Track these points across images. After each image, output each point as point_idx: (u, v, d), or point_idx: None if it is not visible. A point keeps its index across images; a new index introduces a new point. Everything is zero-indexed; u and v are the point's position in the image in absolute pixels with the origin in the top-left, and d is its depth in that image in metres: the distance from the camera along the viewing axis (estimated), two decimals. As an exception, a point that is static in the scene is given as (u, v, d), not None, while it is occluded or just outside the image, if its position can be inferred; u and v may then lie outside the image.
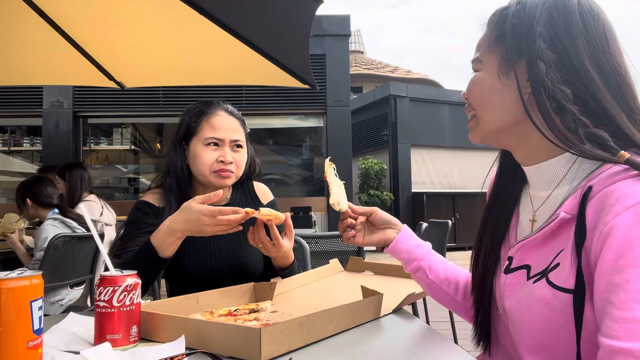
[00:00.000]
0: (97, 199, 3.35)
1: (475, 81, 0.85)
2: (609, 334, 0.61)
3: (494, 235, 0.91)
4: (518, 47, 0.77)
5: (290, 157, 7.47)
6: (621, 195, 0.63)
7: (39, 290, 0.70)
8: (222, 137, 1.35)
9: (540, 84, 0.73)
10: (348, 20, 6.68)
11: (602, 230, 0.64)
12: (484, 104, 0.84)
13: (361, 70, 20.45)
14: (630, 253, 0.60)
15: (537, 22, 0.75)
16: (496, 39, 0.82)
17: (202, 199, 1.10)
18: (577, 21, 0.76)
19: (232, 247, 1.40)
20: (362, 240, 1.08)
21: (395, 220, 1.09)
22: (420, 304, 3.30)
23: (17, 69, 2.83)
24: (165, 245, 1.14)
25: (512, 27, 0.78)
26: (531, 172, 0.84)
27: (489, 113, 0.83)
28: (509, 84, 0.79)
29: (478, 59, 0.85)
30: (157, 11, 2.30)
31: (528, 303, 0.76)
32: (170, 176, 1.38)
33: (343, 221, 1.09)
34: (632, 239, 0.60)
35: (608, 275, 0.63)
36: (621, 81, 0.75)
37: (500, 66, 0.80)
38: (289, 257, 1.33)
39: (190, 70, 2.90)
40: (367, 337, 0.90)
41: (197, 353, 0.73)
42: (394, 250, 1.06)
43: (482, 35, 0.86)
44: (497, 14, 0.83)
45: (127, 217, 1.36)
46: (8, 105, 6.12)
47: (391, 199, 11.19)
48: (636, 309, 0.59)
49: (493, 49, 0.82)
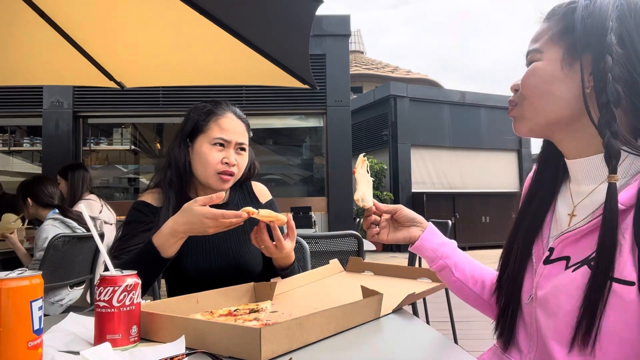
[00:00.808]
0: (97, 198, 3.37)
1: (534, 70, 0.84)
2: None
3: (528, 232, 0.91)
4: (587, 39, 0.77)
5: (290, 157, 7.47)
6: None
7: (39, 290, 0.70)
8: (229, 138, 1.35)
9: (604, 78, 0.74)
10: (348, 20, 6.68)
11: None
12: (542, 94, 0.83)
13: (361, 70, 20.44)
14: None
15: (609, 17, 0.76)
16: (561, 30, 0.82)
17: (204, 200, 1.10)
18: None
19: (230, 246, 1.40)
20: (387, 237, 1.08)
21: (420, 218, 1.08)
22: (420, 304, 3.30)
23: (17, 69, 2.83)
24: (167, 246, 1.15)
25: (582, 20, 0.78)
26: (577, 165, 0.84)
27: (545, 103, 0.83)
28: (572, 75, 0.79)
29: (538, 50, 0.84)
30: (157, 11, 2.30)
31: (567, 290, 0.76)
32: (171, 170, 1.39)
33: (367, 218, 1.08)
34: None
35: None
36: None
37: (564, 57, 0.80)
38: (290, 258, 1.34)
39: (190, 70, 2.90)
40: (367, 337, 0.90)
41: (197, 353, 0.73)
42: (419, 249, 1.05)
43: (541, 27, 0.86)
44: (562, 7, 0.84)
45: (125, 218, 1.36)
46: (8, 105, 6.12)
47: (391, 199, 11.18)
48: None
49: (557, 40, 0.82)
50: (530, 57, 0.86)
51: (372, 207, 1.07)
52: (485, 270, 1.05)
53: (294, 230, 1.26)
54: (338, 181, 6.24)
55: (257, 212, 1.08)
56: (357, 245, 2.32)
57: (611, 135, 0.72)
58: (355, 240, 2.33)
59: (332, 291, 1.33)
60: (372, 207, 1.07)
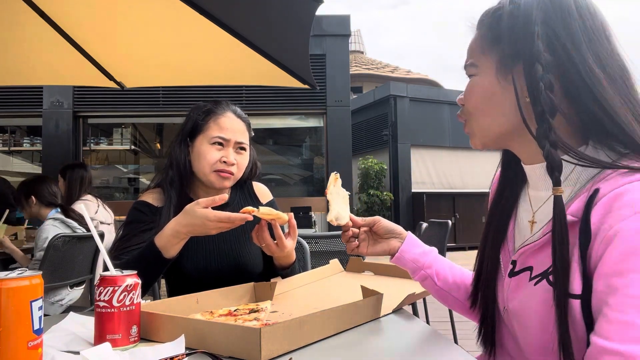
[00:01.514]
0: (94, 198, 3.36)
1: (472, 87, 0.82)
2: (602, 334, 0.61)
3: (495, 240, 0.90)
4: (515, 49, 0.74)
5: (290, 157, 7.47)
6: (630, 199, 0.63)
7: (39, 290, 0.70)
8: (228, 137, 1.35)
9: (536, 87, 0.71)
10: (348, 20, 6.68)
11: (607, 233, 0.63)
12: (484, 110, 0.81)
13: (361, 70, 20.44)
14: (633, 258, 0.60)
15: (534, 21, 0.73)
16: (492, 41, 0.79)
17: (206, 202, 1.10)
18: (576, 18, 0.73)
19: (230, 246, 1.40)
20: (366, 250, 1.08)
21: (400, 228, 1.08)
22: (420, 304, 3.30)
23: (17, 69, 2.83)
24: (169, 246, 1.15)
25: (508, 28, 0.75)
26: (532, 171, 0.83)
27: (489, 119, 0.81)
28: (509, 87, 0.76)
29: (473, 64, 0.82)
30: (157, 11, 2.30)
31: (531, 304, 0.76)
32: (172, 170, 1.39)
33: (345, 233, 1.08)
34: (638, 243, 0.60)
35: (608, 277, 0.62)
36: (626, 78, 0.73)
37: (497, 70, 0.78)
38: (291, 257, 1.34)
39: (190, 70, 2.90)
40: (367, 337, 0.90)
41: (197, 353, 0.73)
42: (399, 260, 1.05)
43: (473, 37, 0.83)
44: (489, 15, 0.80)
45: (126, 218, 1.36)
46: (8, 105, 6.12)
47: (391, 199, 11.18)
48: (632, 313, 0.59)
49: (488, 51, 0.79)
50: (467, 72, 0.83)
51: (349, 222, 1.07)
52: (467, 274, 1.04)
53: (295, 229, 1.26)
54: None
55: (257, 210, 1.08)
56: (357, 245, 2.31)
57: (550, 146, 0.69)
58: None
59: (332, 291, 1.33)
60: (349, 222, 1.07)
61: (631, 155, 0.69)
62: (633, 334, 0.58)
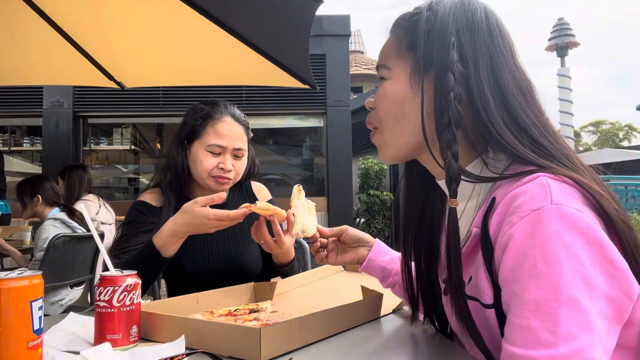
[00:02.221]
0: (96, 198, 3.37)
1: (385, 91, 0.79)
2: (508, 339, 0.62)
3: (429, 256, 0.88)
4: (430, 56, 0.73)
5: (290, 157, 7.47)
6: (518, 204, 0.63)
7: (39, 290, 0.70)
8: (225, 145, 1.34)
9: (446, 97, 0.70)
10: (348, 20, 6.67)
11: (502, 239, 0.64)
12: (396, 116, 0.78)
13: (361, 70, 20.43)
14: (525, 263, 0.60)
15: (450, 31, 0.72)
16: (408, 46, 0.77)
17: (204, 201, 1.10)
18: (483, 33, 0.74)
19: (230, 246, 1.40)
20: (335, 260, 1.09)
21: (367, 237, 1.08)
22: (420, 304, 3.29)
23: (17, 69, 2.83)
24: (168, 245, 1.15)
25: (425, 35, 0.74)
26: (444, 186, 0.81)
27: (401, 127, 0.78)
28: (419, 94, 0.75)
29: (385, 66, 0.80)
30: (157, 11, 2.30)
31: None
32: (170, 172, 1.38)
33: (313, 244, 1.09)
34: (527, 248, 0.60)
35: (508, 284, 0.63)
36: (530, 93, 0.74)
37: (411, 76, 0.76)
38: (290, 254, 1.34)
39: (190, 70, 2.90)
40: (367, 337, 0.90)
41: (197, 353, 0.73)
42: (367, 269, 1.06)
43: (388, 40, 0.82)
44: (406, 19, 0.79)
45: (125, 218, 1.36)
46: (8, 105, 6.12)
47: (391, 199, 11.18)
48: (530, 317, 0.59)
49: (404, 56, 0.78)
50: (379, 73, 0.81)
51: (317, 233, 1.08)
52: None
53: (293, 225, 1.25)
54: (338, 181, 6.24)
55: (254, 205, 1.09)
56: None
57: (452, 157, 0.69)
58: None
59: (332, 291, 1.33)
60: (317, 233, 1.08)
61: (519, 160, 0.70)
62: (533, 338, 0.58)
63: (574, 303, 0.57)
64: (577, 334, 0.57)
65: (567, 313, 0.57)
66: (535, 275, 0.59)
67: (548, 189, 0.62)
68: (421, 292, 0.92)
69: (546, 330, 0.57)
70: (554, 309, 0.57)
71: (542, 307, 0.58)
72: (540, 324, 0.58)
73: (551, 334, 0.57)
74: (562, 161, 0.69)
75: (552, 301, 0.58)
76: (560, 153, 0.71)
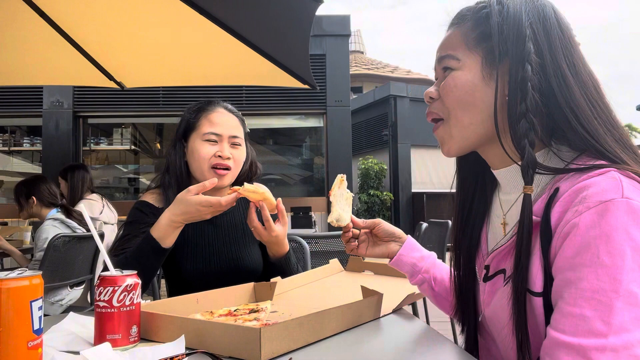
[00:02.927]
0: (99, 198, 3.37)
1: (454, 80, 0.79)
2: (556, 327, 0.62)
3: (469, 246, 0.90)
4: (505, 47, 0.75)
5: (290, 157, 7.46)
6: (587, 195, 0.64)
7: (39, 290, 0.70)
8: (220, 132, 1.35)
9: (523, 87, 0.71)
10: (348, 20, 6.67)
11: (564, 228, 0.64)
12: (466, 106, 0.79)
13: (361, 70, 20.43)
14: (586, 253, 0.61)
15: (524, 24, 0.74)
16: (478, 37, 0.78)
17: (197, 189, 1.12)
18: (555, 27, 0.75)
19: (231, 248, 1.40)
20: (365, 252, 1.09)
21: (399, 232, 1.08)
22: (420, 304, 3.30)
23: (17, 69, 2.83)
24: (166, 236, 1.17)
25: (499, 26, 0.75)
26: (501, 175, 0.83)
27: (470, 116, 0.79)
28: (491, 84, 0.76)
29: (453, 56, 0.80)
30: (157, 11, 2.30)
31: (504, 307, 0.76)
32: (169, 173, 1.39)
33: (345, 234, 1.09)
34: (590, 239, 0.61)
35: (564, 272, 0.64)
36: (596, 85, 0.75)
37: (483, 66, 0.78)
38: (284, 246, 1.32)
39: (191, 70, 2.90)
40: (367, 337, 0.90)
41: (197, 353, 0.73)
42: (397, 264, 1.06)
43: (453, 31, 0.82)
44: (474, 11, 0.80)
45: (127, 217, 1.36)
46: (8, 105, 6.12)
47: (391, 199, 11.17)
48: (584, 306, 0.59)
49: (473, 47, 0.79)
50: (445, 64, 0.82)
51: (350, 224, 1.07)
52: None
53: (284, 214, 1.25)
54: (338, 181, 6.23)
55: (242, 188, 1.09)
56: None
57: (529, 145, 0.71)
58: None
59: (332, 291, 1.33)
60: (350, 224, 1.07)
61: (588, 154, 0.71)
62: (585, 327, 0.59)
63: (632, 297, 0.57)
64: (631, 327, 0.57)
65: (624, 305, 0.57)
66: (596, 264, 0.60)
67: (620, 183, 0.63)
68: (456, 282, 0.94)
69: (599, 320, 0.58)
70: (611, 299, 0.58)
71: (599, 297, 0.58)
72: (594, 312, 0.58)
73: (604, 324, 0.57)
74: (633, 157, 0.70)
75: (610, 292, 0.58)
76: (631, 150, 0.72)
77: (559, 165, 0.73)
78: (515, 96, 0.72)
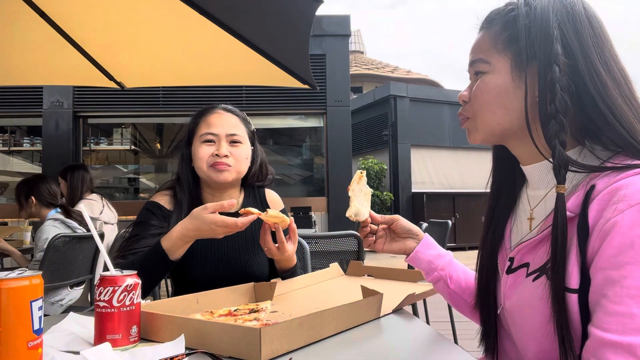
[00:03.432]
0: (99, 198, 3.37)
1: (486, 84, 0.81)
2: (601, 326, 0.62)
3: (493, 241, 0.91)
4: (533, 49, 0.75)
5: (290, 157, 7.46)
6: (626, 193, 0.64)
7: (39, 290, 0.70)
8: (217, 132, 1.36)
9: (552, 88, 0.72)
10: (348, 20, 6.67)
11: (604, 226, 0.64)
12: (495, 108, 0.81)
13: (361, 70, 20.44)
14: (630, 251, 0.61)
15: (552, 25, 0.74)
16: (507, 39, 0.79)
17: (214, 207, 1.11)
18: (586, 25, 0.75)
19: (239, 255, 1.39)
20: (382, 247, 1.09)
21: (417, 229, 1.09)
22: (420, 304, 3.30)
23: (17, 69, 2.83)
24: (175, 248, 1.16)
25: (526, 29, 0.76)
26: (530, 170, 0.84)
27: (498, 117, 0.81)
28: (522, 86, 0.78)
29: (484, 60, 0.82)
30: (158, 11, 2.30)
31: (528, 301, 0.76)
32: (180, 184, 1.41)
33: (363, 228, 1.09)
34: (634, 237, 0.61)
35: (606, 270, 0.63)
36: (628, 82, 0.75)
37: (512, 68, 0.79)
38: (292, 260, 1.34)
39: (191, 70, 2.90)
40: (367, 337, 0.90)
41: (197, 353, 0.73)
42: (414, 260, 1.06)
43: (482, 35, 0.83)
44: (502, 14, 0.81)
45: (136, 217, 1.36)
46: (8, 105, 6.12)
47: (391, 199, 11.18)
48: (631, 304, 0.60)
49: (502, 50, 0.80)
50: (476, 68, 0.83)
51: (368, 219, 1.08)
52: None
53: (295, 233, 1.26)
54: (338, 181, 6.23)
55: (265, 214, 1.10)
56: (357, 245, 2.31)
57: (560, 145, 0.71)
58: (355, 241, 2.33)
59: (332, 293, 1.33)
60: (368, 219, 1.08)
61: (624, 152, 0.71)
62: (632, 325, 0.59)
63: None
64: None
65: None
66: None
67: None
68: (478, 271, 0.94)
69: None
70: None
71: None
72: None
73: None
74: None
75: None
76: None
77: (594, 163, 0.73)
78: (545, 97, 0.73)
